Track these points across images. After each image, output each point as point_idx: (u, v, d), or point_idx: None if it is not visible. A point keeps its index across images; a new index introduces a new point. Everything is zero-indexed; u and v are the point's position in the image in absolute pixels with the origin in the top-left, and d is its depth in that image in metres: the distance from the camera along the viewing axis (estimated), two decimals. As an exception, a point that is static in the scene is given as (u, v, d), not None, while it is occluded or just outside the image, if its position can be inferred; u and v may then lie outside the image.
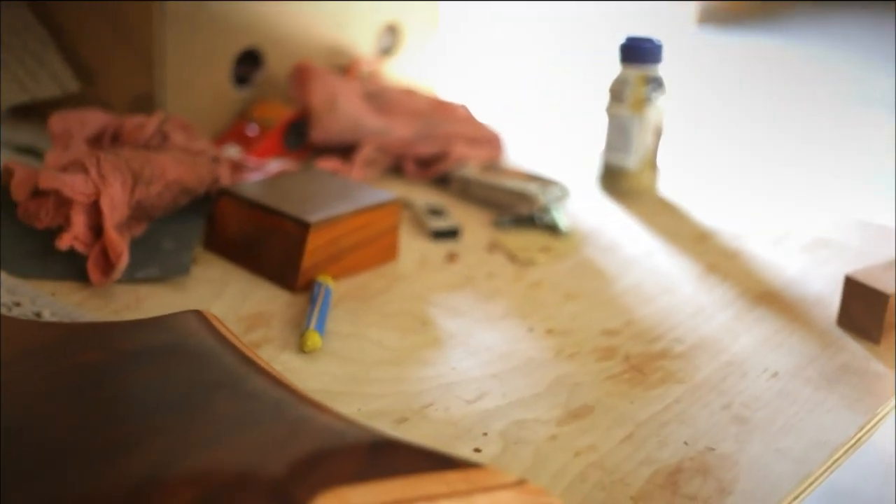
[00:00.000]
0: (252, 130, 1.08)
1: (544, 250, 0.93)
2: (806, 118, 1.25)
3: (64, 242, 0.82)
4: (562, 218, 0.99)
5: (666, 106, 1.08)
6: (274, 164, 1.01)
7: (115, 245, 0.81)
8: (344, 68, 1.22)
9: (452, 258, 0.91)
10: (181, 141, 0.94)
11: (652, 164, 1.08)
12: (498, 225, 0.98)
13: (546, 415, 0.67)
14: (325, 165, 1.02)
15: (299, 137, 1.09)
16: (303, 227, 0.82)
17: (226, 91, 1.12)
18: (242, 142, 1.07)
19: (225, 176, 0.93)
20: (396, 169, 1.11)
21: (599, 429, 0.66)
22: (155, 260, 0.84)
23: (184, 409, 0.54)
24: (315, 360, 0.72)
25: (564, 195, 1.03)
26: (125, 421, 0.52)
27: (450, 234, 0.94)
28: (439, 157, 1.09)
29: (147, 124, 0.94)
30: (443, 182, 1.08)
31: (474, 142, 1.12)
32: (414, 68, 1.34)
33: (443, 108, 1.17)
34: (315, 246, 0.82)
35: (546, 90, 1.58)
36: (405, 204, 1.00)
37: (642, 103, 1.06)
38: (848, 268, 0.92)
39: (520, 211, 0.99)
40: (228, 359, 0.60)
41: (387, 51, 1.31)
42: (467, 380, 0.71)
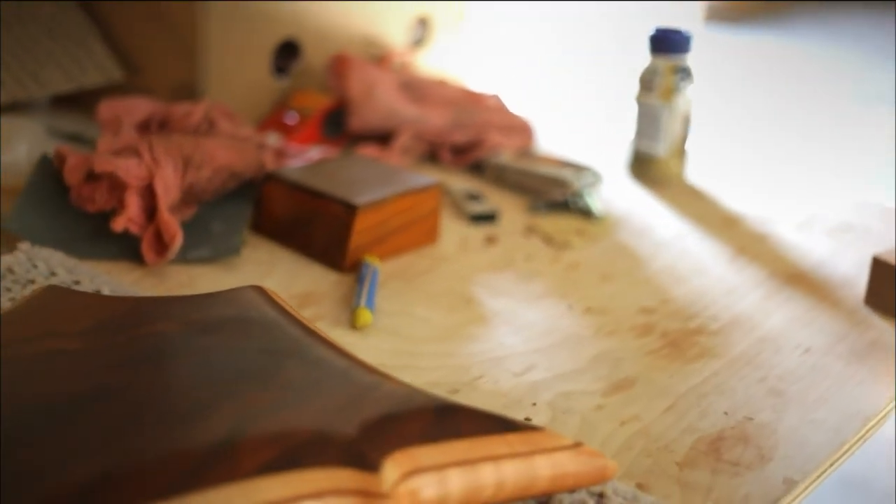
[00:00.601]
0: (291, 119, 1.11)
1: (579, 233, 0.96)
2: (809, 114, 1.27)
3: (119, 224, 0.84)
4: (595, 202, 1.01)
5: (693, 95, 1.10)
6: (314, 151, 1.03)
7: (170, 226, 0.83)
8: (377, 59, 1.24)
9: (491, 241, 0.94)
10: (228, 128, 0.97)
11: (680, 152, 1.11)
12: (533, 210, 1.00)
13: (591, 387, 0.70)
14: (366, 152, 1.05)
15: (337, 126, 1.12)
16: (350, 210, 0.84)
17: (265, 81, 1.15)
18: (281, 130, 1.10)
19: (269, 161, 0.95)
20: (431, 156, 1.13)
21: (642, 400, 0.69)
22: (205, 241, 0.87)
23: (255, 376, 0.57)
24: (366, 336, 0.75)
25: (597, 180, 1.05)
26: (201, 386, 0.55)
27: (488, 218, 0.97)
28: (474, 145, 1.11)
29: (194, 111, 0.97)
30: (477, 169, 1.11)
31: (506, 130, 1.15)
32: (443, 60, 1.36)
33: (475, 98, 1.19)
34: (362, 227, 0.84)
35: (569, 81, 1.61)
36: (443, 189, 1.03)
37: (671, 92, 1.08)
38: (872, 250, 0.94)
39: (554, 196, 1.01)
40: (292, 330, 0.63)
41: (417, 43, 1.33)
42: (514, 354, 0.74)
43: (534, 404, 0.67)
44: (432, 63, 1.34)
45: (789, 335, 0.79)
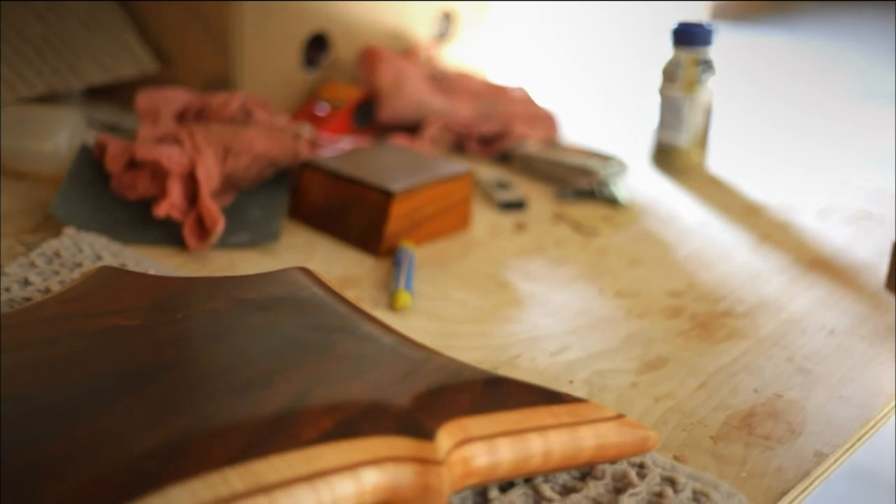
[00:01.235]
0: (321, 110, 1.13)
1: (606, 221, 0.98)
2: (815, 110, 1.29)
3: (161, 210, 0.86)
4: (621, 191, 1.03)
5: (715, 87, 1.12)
6: (345, 141, 1.05)
7: (212, 212, 0.85)
8: (404, 52, 1.26)
9: (521, 228, 0.96)
10: (264, 117, 0.99)
11: (702, 142, 1.13)
12: (560, 198, 1.02)
13: (624, 366, 0.72)
14: (397, 142, 1.07)
15: (367, 117, 1.14)
16: (387, 196, 0.86)
17: (295, 73, 1.17)
18: (312, 121, 1.12)
19: (304, 150, 0.97)
20: (459, 146, 1.15)
21: (675, 378, 0.71)
22: (245, 227, 0.89)
23: (310, 350, 0.59)
24: (406, 318, 0.77)
25: (623, 169, 1.07)
26: (259, 360, 0.57)
27: (517, 206, 0.99)
28: (500, 136, 1.13)
29: (231, 102, 0.99)
30: (504, 159, 1.13)
31: (532, 121, 1.17)
32: (467, 53, 1.38)
33: (500, 91, 1.21)
34: (398, 213, 0.86)
35: (590, 75, 1.63)
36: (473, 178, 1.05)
37: (693, 84, 1.10)
38: (890, 237, 0.96)
39: (581, 185, 1.03)
40: (340, 308, 0.65)
41: (442, 37, 1.35)
42: (549, 335, 0.76)
43: (571, 382, 0.69)
44: (456, 57, 1.36)
45: (814, 317, 0.81)
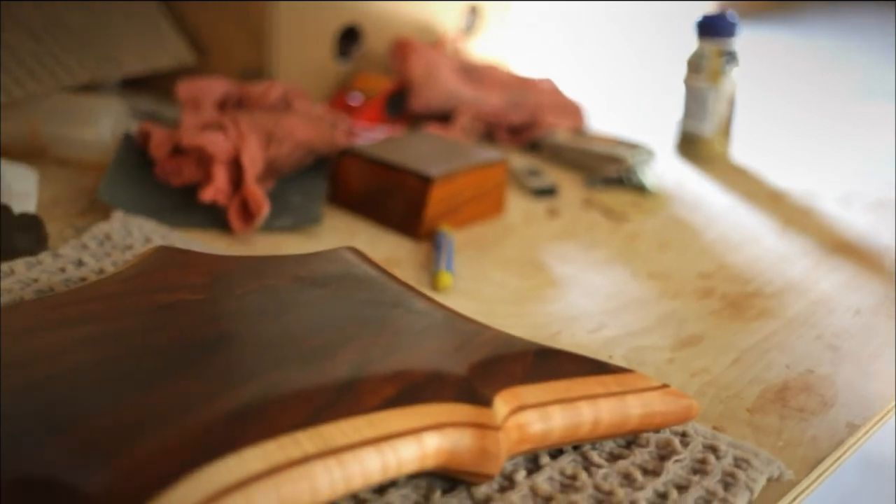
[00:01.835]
0: (354, 100, 1.15)
1: (635, 207, 1.00)
2: (822, 106, 1.31)
3: (207, 195, 0.89)
4: (648, 178, 1.05)
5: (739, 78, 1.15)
6: (379, 131, 1.08)
7: (257, 197, 0.88)
8: (432, 45, 1.28)
9: (553, 213, 0.98)
10: (303, 106, 1.01)
11: (726, 132, 1.15)
12: (590, 185, 1.05)
13: (660, 343, 0.74)
14: (431, 131, 1.09)
15: (399, 106, 1.16)
16: (426, 181, 0.89)
17: (328, 64, 1.19)
18: (345, 110, 1.14)
19: (342, 138, 0.99)
20: (488, 136, 1.17)
21: (709, 354, 0.73)
22: (287, 212, 0.91)
23: (367, 323, 0.61)
24: (448, 298, 0.79)
25: (650, 157, 1.09)
26: (320, 332, 0.59)
27: (548, 192, 1.01)
28: (529, 125, 1.15)
29: (271, 91, 1.01)
30: (533, 148, 1.15)
31: (559, 111, 1.19)
32: (492, 46, 1.40)
33: (527, 82, 1.24)
34: (436, 198, 0.89)
35: (614, 66, 1.66)
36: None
37: (718, 75, 1.12)
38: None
39: (609, 172, 1.06)
40: (392, 284, 0.67)
41: (469, 29, 1.37)
42: (586, 314, 0.78)
43: (610, 357, 0.71)
44: (482, 50, 1.38)
45: (840, 298, 0.83)
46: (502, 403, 0.55)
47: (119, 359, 0.55)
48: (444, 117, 1.15)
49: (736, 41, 1.13)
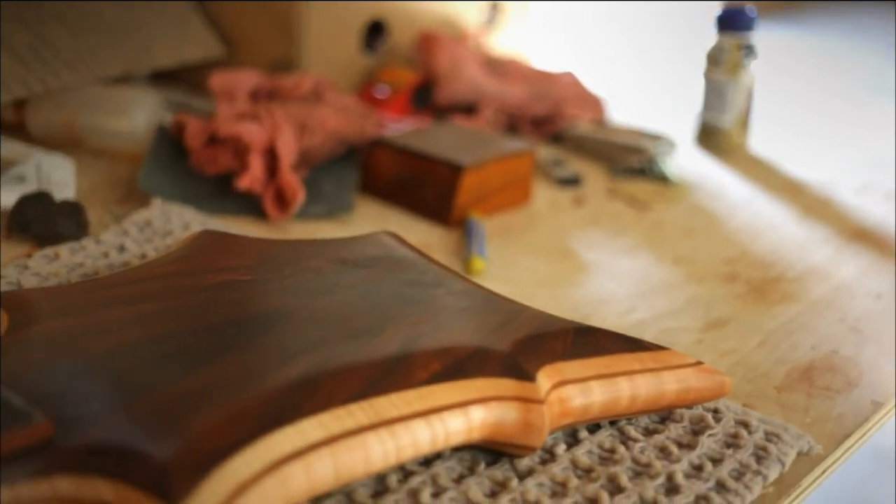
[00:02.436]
0: (381, 93, 1.17)
1: (658, 196, 1.02)
2: (826, 103, 1.33)
3: (244, 183, 0.91)
4: (670, 168, 1.07)
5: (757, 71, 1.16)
6: (406, 122, 1.10)
7: (292, 184, 0.90)
8: (456, 39, 1.30)
9: (578, 202, 1.00)
10: (333, 98, 1.03)
11: (744, 123, 1.17)
12: (613, 175, 1.06)
13: (689, 325, 0.76)
14: (458, 122, 1.11)
15: (424, 99, 1.18)
16: (457, 170, 0.91)
17: (355, 57, 1.21)
18: (372, 103, 1.16)
19: (372, 129, 1.01)
20: (512, 127, 1.19)
21: (736, 336, 0.75)
22: (320, 200, 0.93)
23: (412, 303, 0.63)
24: (481, 282, 0.81)
25: (671, 148, 1.11)
26: (367, 311, 0.61)
27: (573, 182, 1.03)
28: (552, 117, 1.17)
29: (303, 83, 1.03)
30: (555, 139, 1.17)
31: (580, 104, 1.21)
32: (513, 41, 1.42)
33: (549, 76, 1.25)
34: (467, 186, 0.91)
35: (633, 60, 1.68)
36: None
37: (737, 68, 1.14)
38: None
39: (632, 163, 1.08)
40: (432, 266, 0.69)
41: (490, 24, 1.39)
42: (615, 298, 0.80)
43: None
44: (503, 44, 1.40)
45: (861, 283, 0.85)
46: (545, 378, 0.57)
47: (176, 335, 0.57)
48: (469, 109, 1.17)
49: (754, 35, 1.14)
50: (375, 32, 1.24)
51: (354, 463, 0.50)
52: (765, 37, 1.13)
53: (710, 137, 1.17)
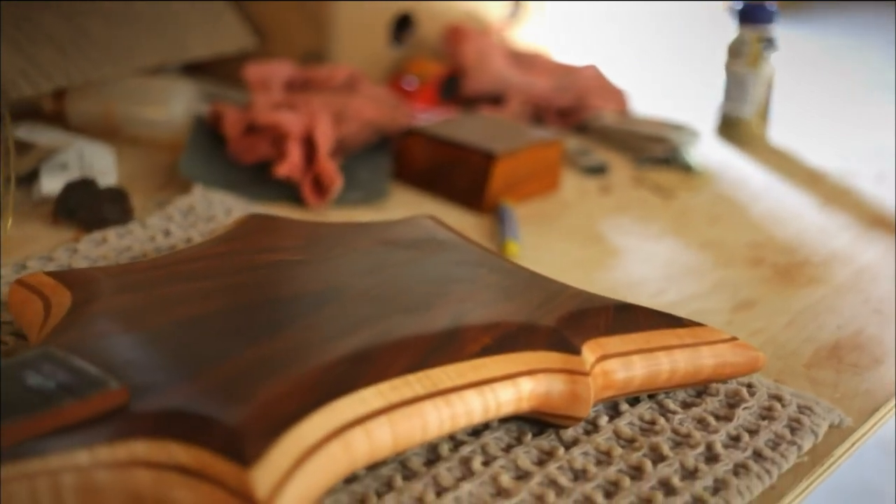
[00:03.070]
0: (409, 84, 1.19)
1: (682, 185, 1.04)
2: (826, 99, 1.35)
3: (282, 170, 0.93)
4: (693, 157, 1.09)
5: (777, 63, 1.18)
6: (435, 113, 1.12)
7: (330, 171, 0.92)
8: (481, 32, 1.32)
9: (605, 190, 1.02)
10: (366, 89, 1.05)
11: (764, 114, 1.19)
12: (638, 164, 1.09)
13: (718, 306, 0.78)
14: (486, 113, 1.13)
15: (451, 90, 1.20)
16: (489, 158, 0.93)
17: (383, 50, 1.23)
18: (400, 94, 1.18)
19: (404, 119, 1.03)
20: (537, 118, 1.21)
21: (765, 317, 0.77)
22: (356, 187, 0.95)
23: (458, 281, 0.65)
24: (515, 264, 0.83)
25: (694, 137, 1.13)
26: (417, 288, 0.63)
27: (599, 171, 1.05)
28: (576, 108, 1.19)
29: (337, 74, 1.05)
30: (580, 130, 1.19)
31: (603, 95, 1.23)
32: (535, 35, 1.44)
33: (572, 68, 1.27)
34: (499, 174, 0.93)
35: (654, 54, 1.70)
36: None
37: (757, 60, 1.16)
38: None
39: (656, 152, 1.10)
40: (473, 248, 0.71)
41: (512, 18, 1.41)
42: (646, 280, 0.82)
43: (673, 318, 0.75)
44: (526, 38, 1.42)
45: (881, 267, 0.87)
46: (589, 352, 0.59)
47: (235, 310, 0.59)
48: (495, 100, 1.19)
49: (774, 28, 1.16)
50: (403, 26, 1.26)
51: (412, 430, 0.52)
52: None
53: (731, 128, 1.19)
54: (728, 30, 1.18)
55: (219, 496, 0.45)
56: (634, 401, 0.62)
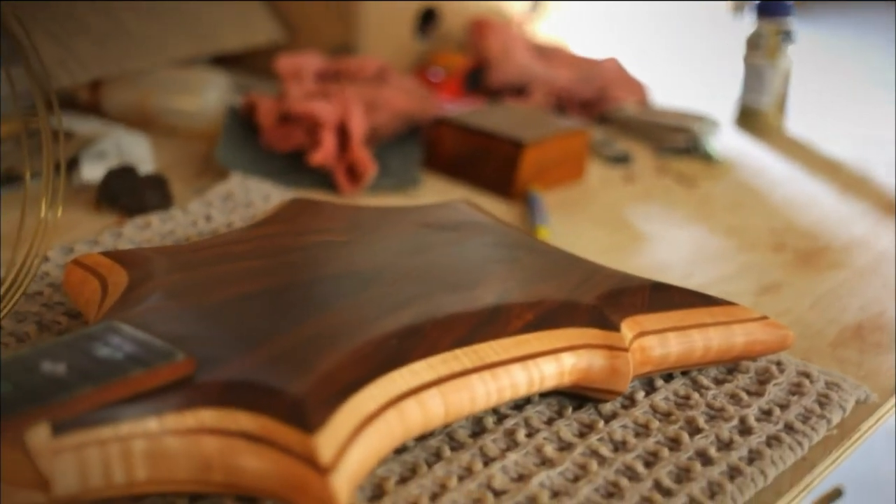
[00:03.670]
0: (435, 76, 1.21)
1: (704, 174, 1.06)
2: (830, 96, 1.37)
3: (317, 158, 0.94)
4: (714, 147, 1.11)
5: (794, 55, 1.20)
6: (462, 103, 1.14)
7: (363, 159, 0.94)
8: (505, 25, 1.34)
9: (629, 179, 1.04)
10: (396, 80, 1.07)
11: (781, 106, 1.21)
12: (659, 154, 1.10)
13: (744, 289, 0.80)
14: (512, 103, 1.15)
15: (477, 82, 1.22)
16: (518, 146, 0.95)
17: (408, 43, 1.25)
18: (426, 85, 1.20)
19: (434, 108, 1.05)
20: (560, 109, 1.23)
21: (789, 299, 0.79)
22: (388, 174, 0.97)
23: (498, 261, 0.67)
24: (547, 249, 0.85)
25: (715, 128, 1.15)
26: (461, 267, 0.65)
27: (623, 160, 1.07)
28: (598, 100, 1.21)
29: (366, 65, 1.07)
30: (601, 121, 1.21)
31: (624, 87, 1.24)
32: (556, 28, 1.46)
33: (593, 61, 1.29)
34: (528, 162, 0.95)
35: (672, 46, 1.72)
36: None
37: (775, 52, 1.18)
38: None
39: (678, 142, 1.11)
40: (510, 230, 0.73)
41: (533, 12, 1.43)
42: (673, 264, 0.84)
43: (702, 300, 0.76)
44: (546, 32, 1.44)
45: (900, 252, 0.89)
46: (627, 329, 0.61)
47: (287, 287, 0.61)
48: (519, 92, 1.21)
49: (792, 21, 1.18)
50: (427, 20, 1.28)
51: (461, 401, 0.54)
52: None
53: (749, 119, 1.21)
54: (728, 28, 1.20)
55: (284, 461, 0.47)
56: (668, 377, 0.64)
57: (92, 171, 0.92)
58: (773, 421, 0.60)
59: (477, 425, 0.58)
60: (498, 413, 0.59)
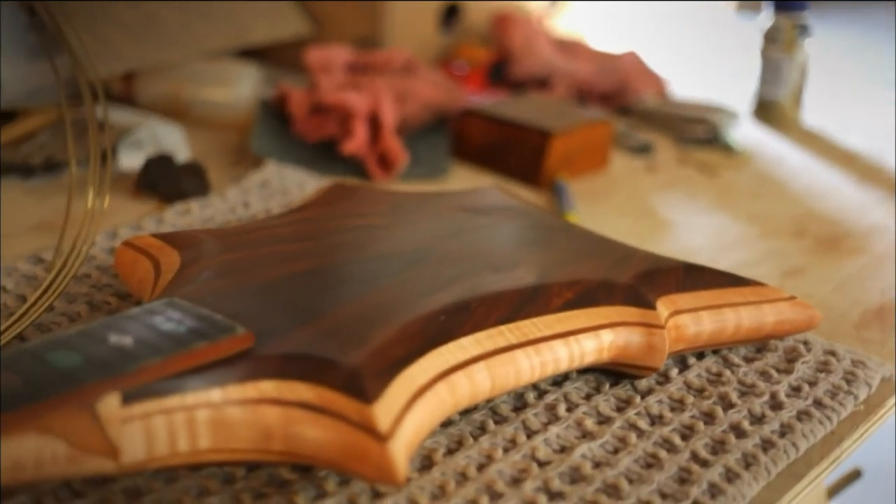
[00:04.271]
0: (459, 69, 1.23)
1: (724, 164, 1.08)
2: (842, 92, 1.39)
3: (350, 148, 0.96)
4: (733, 138, 1.13)
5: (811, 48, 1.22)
6: (486, 96, 1.15)
7: (395, 148, 0.96)
8: (527, 19, 1.36)
9: (651, 169, 1.05)
10: (424, 72, 1.09)
11: (798, 98, 1.23)
12: (680, 144, 1.12)
13: (768, 273, 0.82)
14: (536, 95, 1.17)
15: (500, 74, 1.24)
16: (545, 136, 0.96)
17: (432, 37, 1.27)
18: (451, 78, 1.22)
19: (461, 100, 1.07)
20: (581, 101, 1.25)
21: (813, 283, 0.81)
22: (419, 163, 0.99)
23: (536, 243, 0.69)
24: (575, 235, 0.86)
25: (734, 119, 1.17)
26: (500, 249, 0.67)
27: (645, 150, 1.09)
28: (619, 92, 1.23)
29: (395, 58, 1.09)
30: (622, 113, 1.22)
31: (644, 80, 1.26)
32: (575, 22, 1.48)
33: (613, 55, 1.31)
34: (555, 151, 0.96)
35: (688, 40, 1.74)
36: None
37: (792, 45, 1.20)
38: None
39: (698, 133, 1.13)
40: (545, 214, 0.75)
41: (553, 6, 1.45)
42: (698, 250, 0.86)
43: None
44: (565, 26, 1.46)
45: (919, 238, 0.91)
46: (662, 307, 0.63)
47: (333, 267, 0.62)
48: (541, 84, 1.23)
49: (808, 15, 1.20)
50: (450, 15, 1.29)
51: (507, 375, 0.56)
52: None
53: (767, 111, 1.22)
54: (731, 27, 1.21)
55: (343, 430, 0.49)
56: (700, 356, 0.66)
57: (129, 160, 0.94)
58: (803, 397, 0.62)
59: (518, 400, 0.60)
60: (538, 389, 0.61)
